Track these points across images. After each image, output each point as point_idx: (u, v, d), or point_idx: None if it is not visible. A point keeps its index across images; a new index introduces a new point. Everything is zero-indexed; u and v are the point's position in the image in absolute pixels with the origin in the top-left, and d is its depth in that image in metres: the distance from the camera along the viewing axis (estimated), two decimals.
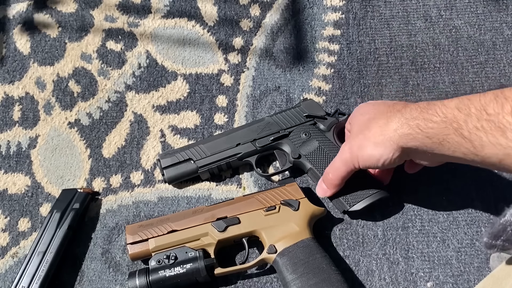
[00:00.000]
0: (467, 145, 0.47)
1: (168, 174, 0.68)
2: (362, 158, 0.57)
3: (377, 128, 0.56)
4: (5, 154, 0.74)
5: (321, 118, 0.70)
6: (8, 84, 0.78)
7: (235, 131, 0.70)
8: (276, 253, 0.60)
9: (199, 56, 0.78)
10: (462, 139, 0.47)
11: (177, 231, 0.63)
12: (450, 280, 0.63)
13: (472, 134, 0.46)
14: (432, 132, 0.50)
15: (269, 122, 0.70)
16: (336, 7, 0.80)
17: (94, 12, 0.82)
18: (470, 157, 0.48)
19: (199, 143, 0.69)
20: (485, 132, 0.45)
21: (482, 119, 0.45)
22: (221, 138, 0.69)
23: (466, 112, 0.47)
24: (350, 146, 0.59)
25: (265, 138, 0.69)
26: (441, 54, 0.76)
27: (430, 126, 0.50)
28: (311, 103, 0.71)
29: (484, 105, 0.46)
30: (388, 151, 0.54)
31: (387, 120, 0.55)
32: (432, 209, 0.67)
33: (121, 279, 0.66)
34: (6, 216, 0.70)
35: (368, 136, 0.56)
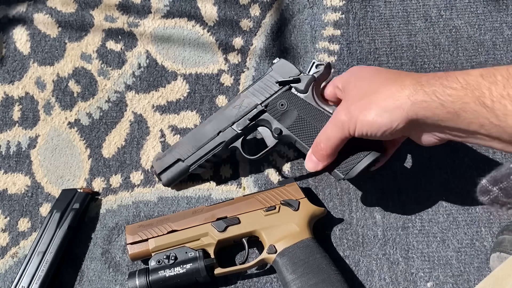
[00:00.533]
0: (488, 115, 0.44)
1: (164, 178, 0.68)
2: (361, 124, 0.52)
3: (387, 92, 0.50)
4: (5, 154, 0.74)
5: (295, 81, 0.62)
6: (8, 84, 0.78)
7: (213, 119, 0.66)
8: (276, 253, 0.60)
9: (199, 56, 0.78)
10: (483, 108, 0.44)
11: (177, 231, 0.63)
12: (450, 280, 0.63)
13: (496, 103, 0.43)
14: (449, 100, 0.46)
15: (243, 99, 0.65)
16: (336, 7, 0.80)
17: (94, 12, 0.82)
18: (487, 128, 0.45)
19: (183, 142, 0.67)
20: (510, 100, 0.42)
21: (509, 87, 0.42)
22: (202, 130, 0.66)
23: (491, 79, 0.43)
24: (348, 109, 0.53)
25: (242, 119, 0.64)
26: (441, 54, 0.76)
27: (448, 93, 0.46)
28: (282, 64, 0.64)
29: (511, 73, 0.43)
30: (394, 119, 0.50)
31: (400, 86, 0.50)
32: (432, 209, 0.67)
33: (121, 279, 0.66)
34: (6, 216, 0.70)
35: (375, 100, 0.51)
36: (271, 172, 0.71)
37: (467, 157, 0.69)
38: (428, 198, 0.68)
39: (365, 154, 0.59)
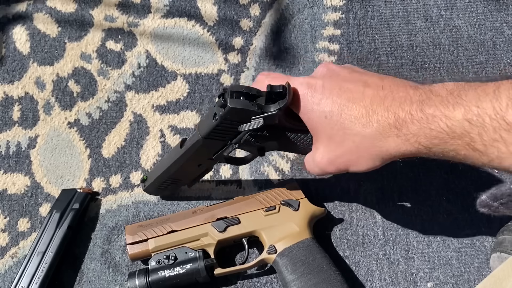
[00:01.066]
0: (481, 158, 0.41)
1: (165, 198, 0.70)
2: (351, 170, 0.51)
3: (369, 142, 0.47)
4: (5, 154, 0.74)
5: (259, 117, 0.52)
6: (8, 84, 0.78)
7: (183, 159, 0.60)
8: (276, 254, 0.60)
9: (199, 56, 0.78)
10: (475, 152, 0.41)
11: (177, 231, 0.63)
12: (451, 280, 0.63)
13: (488, 147, 0.40)
14: (437, 149, 0.44)
15: (208, 143, 0.57)
16: (336, 7, 0.80)
17: (93, 11, 0.82)
18: (481, 165, 0.43)
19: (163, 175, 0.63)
20: (505, 143, 0.39)
21: (500, 129, 0.39)
22: (177, 167, 0.61)
23: (479, 123, 0.40)
24: (332, 162, 0.51)
25: (218, 154, 0.58)
26: (442, 54, 0.76)
27: (434, 143, 0.43)
28: (232, 112, 0.52)
29: (500, 113, 0.39)
30: (382, 162, 0.49)
31: (381, 134, 0.46)
32: (432, 209, 0.67)
33: (120, 279, 0.66)
34: (6, 216, 0.70)
35: (361, 152, 0.48)
36: (271, 172, 0.70)
37: None
38: (428, 198, 0.67)
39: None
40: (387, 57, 0.76)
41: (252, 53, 0.78)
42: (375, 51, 0.77)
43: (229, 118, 0.53)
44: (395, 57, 0.76)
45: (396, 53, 0.76)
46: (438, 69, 0.75)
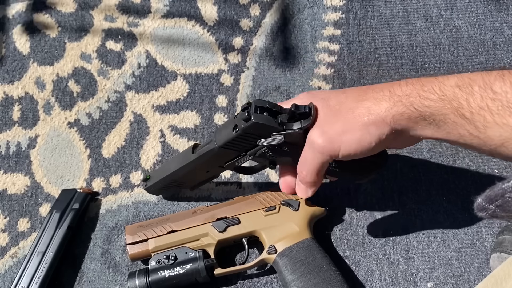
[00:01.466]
0: (467, 126, 0.43)
1: (164, 196, 0.70)
2: (348, 145, 0.50)
3: (364, 109, 0.49)
4: (5, 154, 0.74)
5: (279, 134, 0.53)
6: (8, 84, 0.78)
7: (193, 165, 0.60)
8: (276, 254, 0.60)
9: (199, 56, 0.78)
10: (462, 120, 0.43)
11: (177, 231, 0.63)
12: (451, 280, 0.63)
13: (475, 114, 0.42)
14: (428, 111, 0.45)
15: (223, 152, 0.57)
16: (336, 7, 0.80)
17: (93, 12, 0.82)
18: (466, 139, 0.44)
19: (168, 177, 0.63)
20: (490, 112, 0.41)
21: (487, 98, 0.41)
22: (185, 172, 0.62)
23: (468, 90, 0.43)
24: (325, 133, 0.50)
25: (230, 163, 0.60)
26: (442, 54, 0.76)
27: (426, 104, 0.45)
28: (255, 126, 0.53)
29: (489, 83, 0.42)
30: (381, 132, 0.48)
31: (376, 100, 0.48)
32: (432, 209, 0.67)
33: (120, 279, 0.66)
34: (6, 216, 0.70)
35: (355, 119, 0.49)
36: (271, 172, 0.70)
37: (468, 157, 0.69)
38: (428, 198, 0.67)
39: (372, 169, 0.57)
40: (387, 57, 0.76)
41: (252, 53, 0.78)
42: (375, 51, 0.77)
43: (250, 132, 0.54)
44: (395, 57, 0.76)
45: (396, 53, 0.76)
46: (438, 69, 0.75)
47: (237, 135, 0.54)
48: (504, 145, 0.42)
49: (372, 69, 0.76)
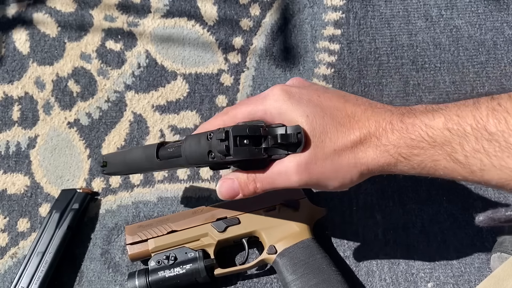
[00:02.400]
0: (462, 171, 0.41)
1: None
2: (323, 182, 0.47)
3: (351, 157, 0.45)
4: (4, 154, 0.74)
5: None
6: (7, 84, 0.78)
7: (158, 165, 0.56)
8: (276, 254, 0.60)
9: (199, 56, 0.78)
10: (456, 165, 0.40)
11: (177, 231, 0.63)
12: (451, 280, 0.63)
13: (470, 158, 0.39)
14: (417, 160, 0.42)
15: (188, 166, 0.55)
16: (336, 7, 0.80)
17: (93, 11, 0.81)
18: (462, 180, 0.42)
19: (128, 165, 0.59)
20: (487, 155, 0.38)
21: (482, 139, 0.38)
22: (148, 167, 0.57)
23: (460, 133, 0.39)
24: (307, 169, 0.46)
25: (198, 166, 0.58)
26: (442, 54, 0.76)
27: (415, 153, 0.42)
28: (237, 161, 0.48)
29: (481, 122, 0.39)
30: (362, 178, 0.46)
31: (362, 145, 0.45)
32: (432, 210, 0.67)
33: (120, 279, 0.65)
34: (5, 216, 0.70)
35: (338, 165, 0.45)
36: None
37: None
38: (428, 198, 0.67)
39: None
40: (387, 57, 0.76)
41: (252, 53, 0.78)
42: (376, 51, 0.77)
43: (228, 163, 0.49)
44: (396, 57, 0.76)
45: (397, 53, 0.76)
46: (439, 69, 0.75)
47: (212, 162, 0.49)
48: (504, 186, 0.40)
49: (372, 69, 0.76)
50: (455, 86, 0.74)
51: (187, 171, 0.71)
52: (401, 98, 0.74)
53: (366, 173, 0.46)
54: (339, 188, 0.47)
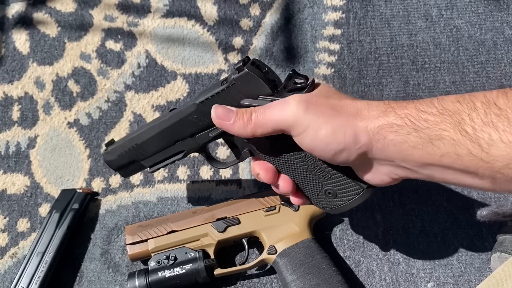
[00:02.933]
0: (469, 145, 0.39)
1: (122, 173, 0.63)
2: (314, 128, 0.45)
3: (353, 108, 0.45)
4: (4, 154, 0.74)
5: (267, 98, 0.49)
6: (7, 84, 0.78)
7: (165, 124, 0.56)
8: (276, 254, 0.60)
9: (199, 56, 0.78)
10: (463, 136, 0.39)
11: (177, 231, 0.63)
12: (451, 280, 0.63)
13: (478, 131, 0.39)
14: (424, 126, 0.41)
15: (201, 110, 0.53)
16: (336, 7, 0.80)
17: (93, 11, 0.81)
18: (463, 160, 0.40)
19: (133, 140, 0.58)
20: (496, 129, 0.38)
21: (491, 114, 0.38)
22: (153, 134, 0.57)
23: (470, 106, 0.39)
24: (307, 107, 0.45)
25: (204, 133, 0.55)
26: (442, 54, 0.76)
27: (423, 117, 0.41)
28: (247, 77, 0.49)
29: (491, 100, 0.39)
30: (354, 137, 0.44)
31: (368, 105, 0.44)
32: (432, 210, 0.67)
33: (120, 279, 0.65)
34: (5, 216, 0.70)
35: (336, 110, 0.44)
36: None
37: None
38: (428, 198, 0.67)
39: (356, 193, 0.51)
40: (387, 57, 0.76)
41: (252, 53, 0.78)
42: (376, 51, 0.77)
43: (238, 85, 0.50)
44: (396, 57, 0.76)
45: (397, 53, 0.76)
46: (439, 69, 0.75)
47: (222, 89, 0.50)
48: (509, 166, 0.39)
49: (372, 69, 0.76)
50: (455, 86, 0.74)
51: (187, 171, 0.71)
52: (401, 98, 0.74)
53: (362, 131, 0.43)
54: (330, 141, 0.45)
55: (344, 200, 0.52)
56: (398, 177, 0.48)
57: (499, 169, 0.39)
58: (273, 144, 0.52)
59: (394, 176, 0.47)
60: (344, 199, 0.52)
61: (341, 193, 0.52)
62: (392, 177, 0.48)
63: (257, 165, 0.54)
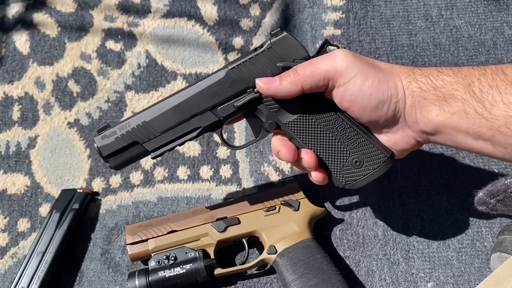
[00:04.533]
0: (475, 104, 0.45)
1: (113, 162, 0.55)
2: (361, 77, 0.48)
3: (389, 66, 0.50)
4: (5, 154, 0.74)
5: (303, 61, 0.51)
6: (8, 84, 0.78)
7: (186, 96, 0.52)
8: (276, 254, 0.60)
9: (199, 56, 0.78)
10: (471, 97, 0.45)
11: (177, 231, 0.63)
12: (451, 280, 0.63)
13: (484, 92, 0.45)
14: (441, 85, 0.47)
15: (230, 77, 0.52)
16: (336, 7, 0.80)
17: (93, 11, 0.81)
18: (470, 118, 0.45)
19: (142, 117, 0.53)
20: (499, 91, 0.44)
21: (497, 78, 0.45)
22: (169, 108, 0.53)
23: (481, 71, 0.46)
24: (349, 60, 0.49)
25: (228, 104, 0.52)
26: (442, 54, 0.76)
27: (441, 77, 0.47)
28: (285, 41, 0.51)
29: (500, 68, 0.45)
30: (394, 92, 0.48)
31: (399, 65, 0.51)
32: (432, 210, 0.67)
33: (120, 279, 0.65)
34: (6, 216, 0.70)
35: (377, 67, 0.50)
36: (271, 172, 0.70)
37: (468, 157, 0.69)
38: (428, 198, 0.67)
39: (381, 161, 0.53)
40: (387, 57, 0.76)
41: None
42: (376, 51, 0.77)
43: (275, 49, 0.51)
44: (395, 57, 0.76)
45: (396, 53, 0.76)
46: None
47: (257, 53, 0.51)
48: (507, 125, 0.44)
49: None
50: None
51: (187, 171, 0.71)
52: None
53: (399, 85, 0.49)
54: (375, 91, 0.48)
55: (370, 169, 0.53)
56: (421, 140, 0.51)
57: (498, 127, 0.44)
58: (303, 112, 0.52)
59: (418, 139, 0.51)
60: (370, 168, 0.53)
61: (368, 161, 0.53)
62: (416, 139, 0.51)
63: (278, 141, 0.55)
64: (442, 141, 0.50)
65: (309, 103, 0.51)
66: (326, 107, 0.52)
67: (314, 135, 0.53)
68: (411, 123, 0.50)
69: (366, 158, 0.53)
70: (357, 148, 0.53)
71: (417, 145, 0.52)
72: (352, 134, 0.53)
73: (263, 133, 0.55)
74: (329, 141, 0.53)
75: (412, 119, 0.49)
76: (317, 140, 0.53)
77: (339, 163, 0.54)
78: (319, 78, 0.49)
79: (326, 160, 0.54)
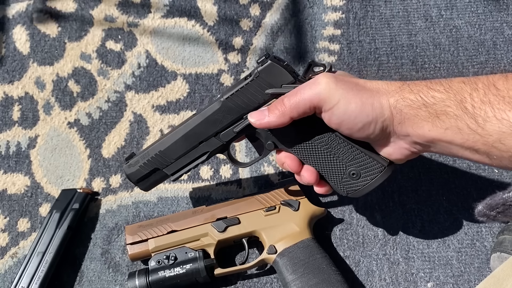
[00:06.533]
0: (468, 120, 0.45)
1: (142, 186, 0.62)
2: (345, 102, 0.49)
3: (375, 85, 0.50)
4: (5, 154, 0.74)
5: (290, 86, 0.54)
6: (8, 84, 0.78)
7: (190, 126, 0.58)
8: (276, 254, 0.60)
9: (199, 56, 0.78)
10: (463, 112, 0.45)
11: (177, 231, 0.63)
12: (451, 280, 0.63)
13: (477, 108, 0.44)
14: (432, 102, 0.47)
15: (227, 106, 0.56)
16: (336, 7, 0.80)
17: (93, 11, 0.81)
18: (464, 134, 0.45)
19: (158, 147, 0.60)
20: (491, 106, 0.44)
21: (489, 94, 0.44)
22: (179, 137, 0.59)
23: (473, 86, 0.45)
24: (335, 84, 0.50)
25: (228, 130, 0.58)
26: (442, 54, 0.76)
27: (431, 94, 0.47)
28: (270, 68, 0.54)
29: (492, 82, 0.45)
30: (381, 112, 0.48)
31: (386, 83, 0.50)
32: (432, 209, 0.67)
33: (120, 279, 0.66)
34: (6, 216, 0.70)
35: (361, 89, 0.49)
36: (271, 172, 0.70)
37: None
38: (428, 198, 0.67)
39: (379, 171, 0.55)
40: (387, 57, 0.76)
41: (252, 53, 0.78)
42: (375, 51, 0.77)
43: (262, 77, 0.54)
44: (395, 57, 0.76)
45: (396, 53, 0.76)
46: (438, 69, 0.75)
47: (247, 82, 0.55)
48: (501, 140, 0.44)
49: (372, 69, 0.76)
50: None
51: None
52: None
53: (385, 105, 0.49)
54: (359, 114, 0.49)
55: (368, 180, 0.55)
56: (416, 151, 0.52)
57: (492, 143, 0.44)
58: (297, 132, 0.55)
59: (413, 149, 0.51)
60: (368, 178, 0.55)
61: (365, 172, 0.55)
62: (411, 150, 0.51)
63: (282, 153, 0.58)
64: (438, 151, 0.50)
65: (302, 123, 0.54)
66: (319, 126, 0.54)
67: (310, 152, 0.56)
68: (402, 136, 0.50)
69: (362, 170, 0.55)
70: (353, 161, 0.55)
71: (412, 155, 0.52)
72: (346, 148, 0.55)
73: (265, 151, 0.59)
74: (325, 156, 0.56)
75: (403, 133, 0.50)
76: (314, 157, 0.56)
77: (337, 176, 0.56)
78: (305, 107, 0.51)
79: (325, 174, 0.57)
